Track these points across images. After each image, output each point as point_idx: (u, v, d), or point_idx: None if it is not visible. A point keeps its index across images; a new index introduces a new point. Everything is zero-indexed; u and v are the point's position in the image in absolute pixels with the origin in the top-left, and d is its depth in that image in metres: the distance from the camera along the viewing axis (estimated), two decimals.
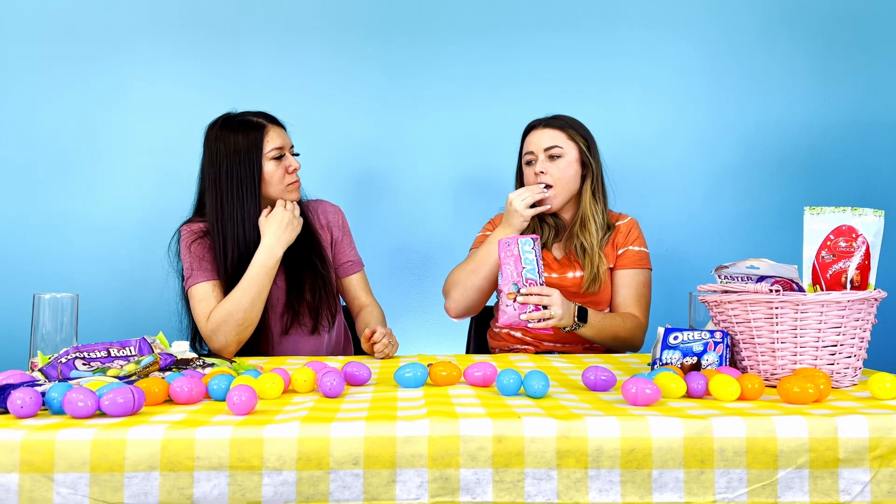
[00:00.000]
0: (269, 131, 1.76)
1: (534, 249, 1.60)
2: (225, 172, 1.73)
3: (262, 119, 1.79)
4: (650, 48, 2.46)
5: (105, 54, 2.39)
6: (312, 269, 1.82)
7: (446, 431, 0.92)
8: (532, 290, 1.59)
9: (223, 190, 1.74)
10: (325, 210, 1.94)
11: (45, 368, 1.19)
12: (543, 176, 1.83)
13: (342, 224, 1.94)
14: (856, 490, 0.94)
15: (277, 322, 1.82)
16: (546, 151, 1.84)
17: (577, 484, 0.92)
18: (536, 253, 1.60)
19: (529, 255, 1.59)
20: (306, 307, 1.82)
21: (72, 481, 0.88)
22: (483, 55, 2.45)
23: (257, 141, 1.74)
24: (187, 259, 1.75)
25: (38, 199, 2.37)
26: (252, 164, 1.73)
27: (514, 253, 1.59)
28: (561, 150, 1.84)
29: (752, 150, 2.48)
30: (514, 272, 1.59)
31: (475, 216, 2.26)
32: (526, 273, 1.58)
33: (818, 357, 1.20)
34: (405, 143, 2.45)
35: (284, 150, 1.77)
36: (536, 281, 1.59)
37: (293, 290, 1.81)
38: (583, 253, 1.85)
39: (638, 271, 1.85)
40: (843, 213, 1.24)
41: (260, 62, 2.42)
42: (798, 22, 2.48)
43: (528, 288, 1.59)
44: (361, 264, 1.96)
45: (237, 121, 1.78)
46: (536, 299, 1.59)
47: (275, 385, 1.12)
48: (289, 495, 0.90)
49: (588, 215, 1.86)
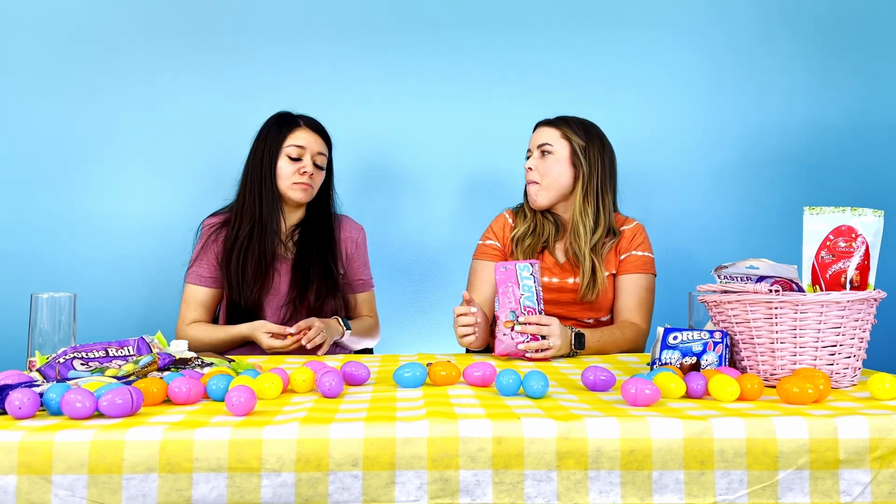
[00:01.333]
0: (298, 130, 1.86)
1: (532, 275, 1.55)
2: (254, 151, 1.88)
3: (303, 120, 1.88)
4: (651, 48, 2.46)
5: (105, 54, 2.38)
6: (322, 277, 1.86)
7: (446, 433, 0.92)
8: (530, 320, 1.52)
9: (248, 167, 1.88)
10: (346, 226, 1.99)
11: (43, 369, 1.18)
12: (530, 172, 1.85)
13: (360, 243, 2.00)
14: (856, 491, 0.94)
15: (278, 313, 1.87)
16: (539, 148, 1.85)
17: (577, 485, 0.92)
18: (535, 279, 1.56)
19: (528, 280, 1.54)
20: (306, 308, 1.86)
21: (70, 483, 0.88)
22: (488, 55, 2.45)
23: (283, 132, 1.86)
24: (195, 252, 1.89)
25: (37, 199, 2.37)
26: (273, 151, 1.84)
27: (513, 279, 1.54)
28: (551, 147, 1.83)
29: (752, 150, 2.48)
30: (512, 299, 1.53)
31: (479, 216, 2.26)
32: (524, 300, 1.53)
33: (818, 357, 1.20)
34: (406, 142, 2.45)
35: (305, 152, 1.85)
36: (535, 309, 1.54)
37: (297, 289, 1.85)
38: (576, 259, 1.83)
39: (640, 276, 1.81)
40: (843, 213, 1.24)
41: (261, 62, 2.41)
42: (798, 22, 2.48)
43: (527, 317, 1.52)
44: (371, 284, 2.03)
45: (285, 114, 1.90)
46: (535, 329, 1.51)
47: (274, 385, 1.11)
48: (288, 497, 0.90)
49: (577, 219, 1.82)
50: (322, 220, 1.93)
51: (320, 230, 1.92)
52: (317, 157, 1.87)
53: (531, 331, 1.52)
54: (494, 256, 1.88)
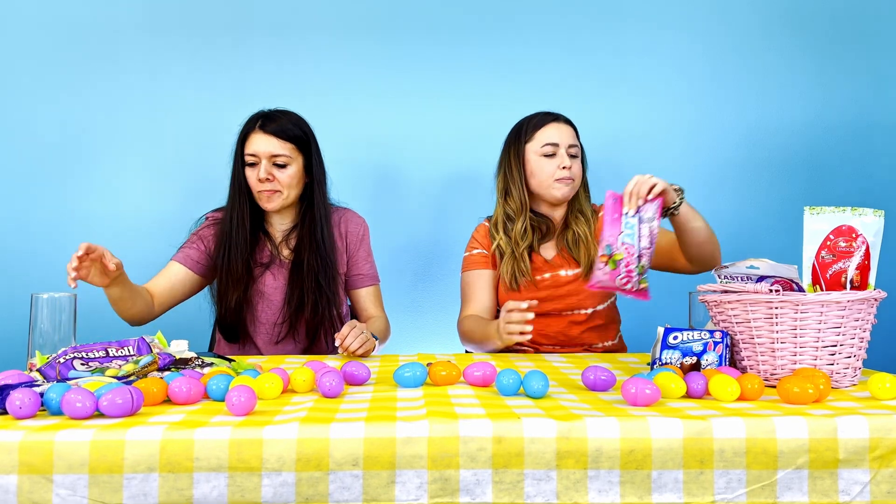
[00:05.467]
0: (252, 136, 1.79)
1: (639, 216, 1.42)
2: (232, 160, 1.84)
3: (259, 122, 1.79)
4: (650, 47, 2.46)
5: (105, 55, 2.38)
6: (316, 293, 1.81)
7: (446, 432, 0.92)
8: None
9: (231, 176, 1.84)
10: (347, 219, 1.93)
11: (43, 369, 1.18)
12: (565, 171, 1.82)
13: (362, 236, 1.93)
14: (855, 490, 0.94)
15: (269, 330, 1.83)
16: (569, 149, 1.84)
17: (576, 484, 0.92)
18: (643, 220, 1.42)
19: (632, 219, 1.42)
20: (304, 326, 1.83)
21: (71, 482, 0.88)
22: (486, 52, 2.45)
23: (241, 141, 1.82)
24: (189, 237, 1.86)
25: (37, 199, 2.37)
26: (238, 161, 1.82)
27: (618, 213, 1.43)
28: (577, 149, 1.87)
29: (752, 150, 2.48)
30: (613, 232, 1.42)
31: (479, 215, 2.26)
32: (623, 238, 1.42)
33: (818, 357, 1.20)
34: (404, 141, 2.45)
35: (259, 159, 1.77)
36: (635, 247, 1.41)
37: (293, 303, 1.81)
38: (576, 245, 1.84)
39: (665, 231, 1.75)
40: (843, 213, 1.24)
41: (262, 62, 2.41)
42: (798, 22, 2.48)
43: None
44: (376, 279, 1.96)
45: (252, 116, 1.84)
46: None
47: (274, 385, 1.12)
48: (288, 496, 0.90)
49: (584, 206, 1.89)
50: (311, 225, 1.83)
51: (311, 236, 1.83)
52: (274, 159, 1.77)
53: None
54: (485, 264, 1.88)
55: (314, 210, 1.83)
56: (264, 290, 1.83)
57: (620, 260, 1.40)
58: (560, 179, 1.82)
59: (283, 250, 1.86)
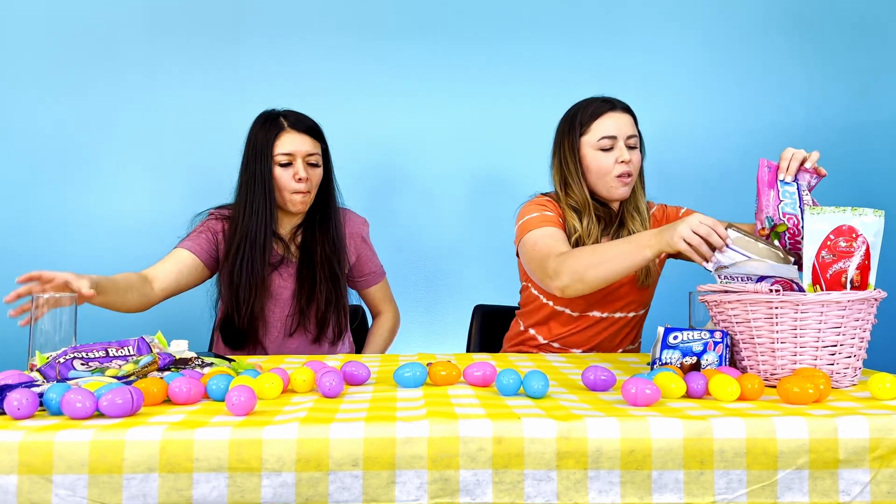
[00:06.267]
0: (283, 135, 1.76)
1: (797, 183, 1.36)
2: (246, 163, 1.79)
3: (286, 120, 1.78)
4: (651, 48, 2.46)
5: (105, 55, 2.39)
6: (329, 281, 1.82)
7: (446, 432, 0.92)
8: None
9: (243, 179, 1.79)
10: (348, 219, 1.93)
11: (43, 368, 1.18)
12: (624, 166, 1.70)
13: (366, 236, 1.95)
14: (855, 491, 0.94)
15: (283, 321, 1.84)
16: (628, 140, 1.72)
17: (576, 485, 0.92)
18: (801, 187, 1.37)
19: (790, 187, 1.35)
20: (314, 315, 1.83)
21: (70, 483, 0.88)
22: (493, 52, 2.45)
23: (270, 139, 1.76)
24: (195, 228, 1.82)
25: (38, 198, 2.37)
26: (264, 163, 1.76)
27: (773, 182, 1.35)
28: (636, 139, 1.74)
29: (753, 150, 2.47)
30: (771, 204, 1.33)
31: (480, 215, 2.26)
32: (783, 207, 1.33)
33: (818, 357, 1.20)
34: (407, 140, 2.45)
35: (295, 158, 1.76)
36: (798, 216, 1.32)
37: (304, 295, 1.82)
38: None
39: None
40: (843, 213, 1.24)
41: (261, 61, 2.41)
42: (798, 22, 2.48)
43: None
44: (383, 273, 2.00)
45: (267, 115, 1.80)
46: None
47: (274, 385, 1.11)
48: (288, 496, 0.90)
49: (640, 203, 1.78)
50: (325, 219, 1.84)
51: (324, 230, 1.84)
52: (308, 157, 1.77)
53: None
54: (560, 224, 1.71)
55: (329, 203, 1.85)
56: (273, 290, 1.83)
57: (784, 231, 1.33)
58: (619, 176, 1.70)
59: (291, 248, 1.87)
